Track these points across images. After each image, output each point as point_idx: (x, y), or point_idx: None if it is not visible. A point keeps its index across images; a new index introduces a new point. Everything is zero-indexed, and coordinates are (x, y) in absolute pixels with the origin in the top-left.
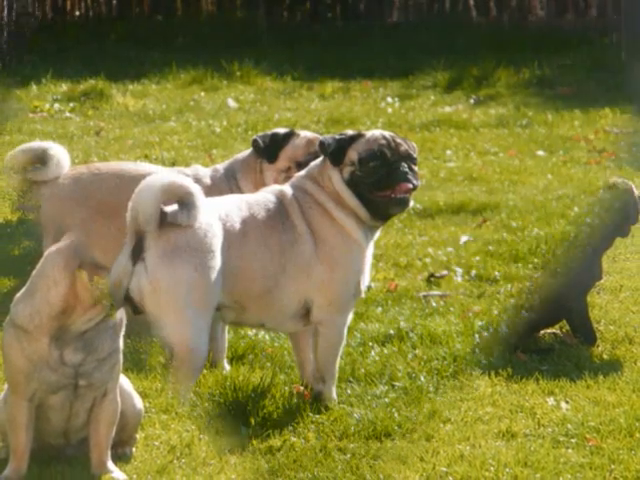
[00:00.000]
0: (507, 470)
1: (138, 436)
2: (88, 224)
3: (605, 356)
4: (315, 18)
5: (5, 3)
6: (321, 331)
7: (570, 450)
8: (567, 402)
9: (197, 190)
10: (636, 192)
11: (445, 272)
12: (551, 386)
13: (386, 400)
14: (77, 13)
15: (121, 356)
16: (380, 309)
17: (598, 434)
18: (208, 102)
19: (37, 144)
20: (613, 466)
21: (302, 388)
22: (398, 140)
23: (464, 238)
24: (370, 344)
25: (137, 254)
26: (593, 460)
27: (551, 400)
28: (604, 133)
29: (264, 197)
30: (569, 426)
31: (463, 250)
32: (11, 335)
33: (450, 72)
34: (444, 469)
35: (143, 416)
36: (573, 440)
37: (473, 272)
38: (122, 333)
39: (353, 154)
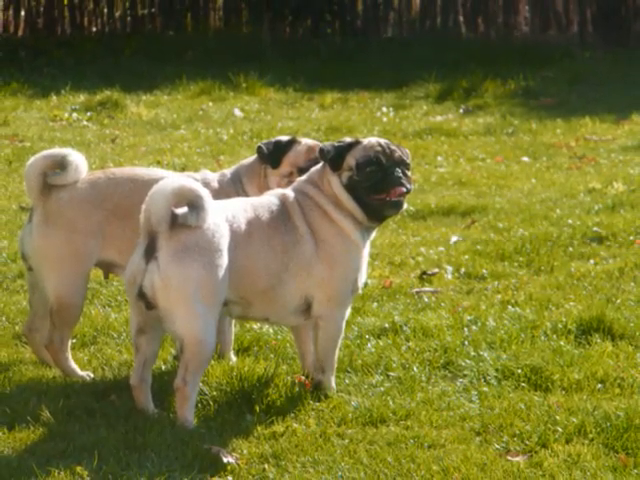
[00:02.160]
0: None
1: None
2: (104, 226)
3: None
4: (315, 34)
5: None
6: (321, 325)
7: None
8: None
9: (206, 193)
10: None
11: (436, 270)
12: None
13: (381, 389)
14: (94, 29)
15: None
16: (376, 304)
17: None
18: (216, 112)
19: (57, 151)
20: None
21: (303, 378)
22: (392, 147)
23: (454, 238)
24: (367, 337)
25: (150, 253)
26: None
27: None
28: (584, 140)
29: (268, 200)
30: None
31: (453, 249)
32: None
33: (441, 84)
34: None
35: None
36: None
37: (462, 270)
38: None
39: (351, 160)
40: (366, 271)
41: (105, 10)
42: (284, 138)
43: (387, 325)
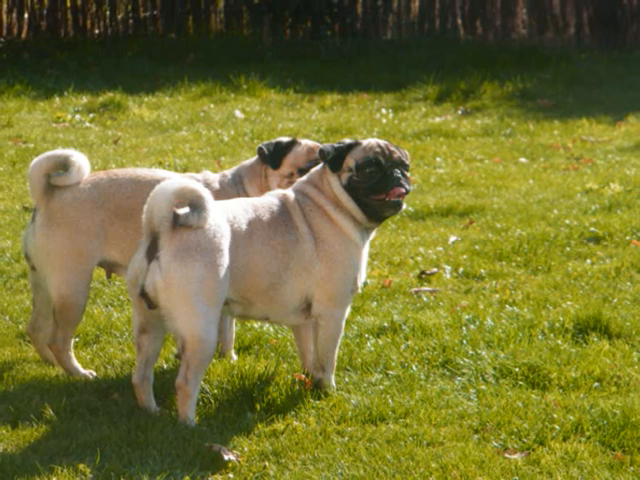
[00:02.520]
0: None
1: None
2: (106, 226)
3: None
4: (315, 36)
5: None
6: (321, 324)
7: None
8: None
9: (207, 194)
10: None
11: (435, 269)
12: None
13: (381, 387)
14: (97, 31)
15: None
16: (375, 303)
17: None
18: (217, 113)
19: (60, 152)
20: None
21: (303, 376)
22: (392, 148)
23: (452, 238)
24: (366, 336)
25: (152, 253)
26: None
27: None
28: (581, 142)
29: (268, 200)
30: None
31: (452, 249)
32: None
33: (440, 86)
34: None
35: None
36: None
37: (461, 269)
38: None
39: (350, 161)
40: (365, 271)
41: (107, 13)
42: (284, 139)
43: (386, 324)
